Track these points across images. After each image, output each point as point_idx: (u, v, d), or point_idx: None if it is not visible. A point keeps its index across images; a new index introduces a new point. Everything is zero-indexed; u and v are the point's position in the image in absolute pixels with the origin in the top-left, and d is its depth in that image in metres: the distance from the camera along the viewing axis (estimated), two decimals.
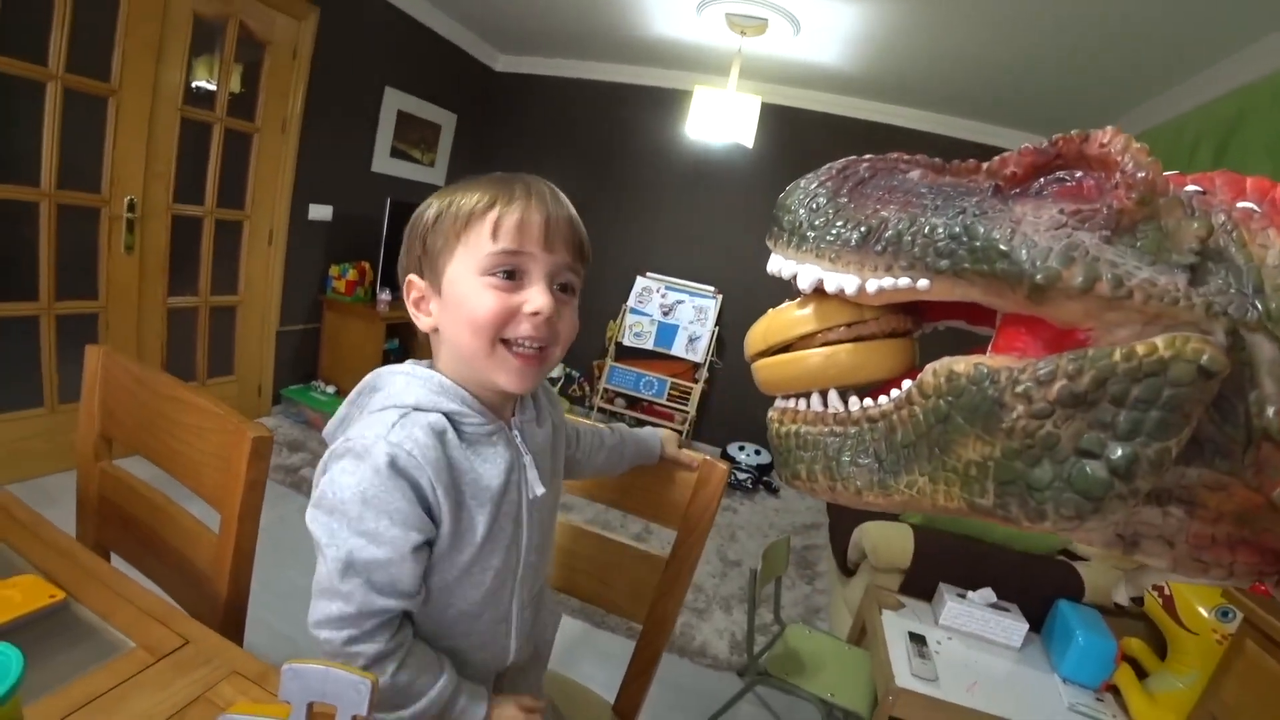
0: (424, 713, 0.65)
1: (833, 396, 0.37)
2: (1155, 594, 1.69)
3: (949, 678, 1.56)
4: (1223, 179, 0.30)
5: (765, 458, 3.89)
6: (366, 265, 3.50)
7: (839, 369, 0.37)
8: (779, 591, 1.93)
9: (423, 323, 0.72)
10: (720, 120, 2.86)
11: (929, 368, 0.33)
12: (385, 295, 3.37)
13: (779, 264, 0.39)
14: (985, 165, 0.35)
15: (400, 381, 0.69)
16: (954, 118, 3.72)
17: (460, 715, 0.68)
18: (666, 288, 4.11)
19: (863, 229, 0.34)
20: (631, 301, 4.12)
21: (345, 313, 3.42)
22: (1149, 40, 2.36)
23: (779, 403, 0.41)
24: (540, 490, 0.73)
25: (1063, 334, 0.29)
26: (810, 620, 2.40)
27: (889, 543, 1.99)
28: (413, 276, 0.72)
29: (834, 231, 0.35)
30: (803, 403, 0.39)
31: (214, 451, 0.94)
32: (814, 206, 0.37)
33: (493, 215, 0.66)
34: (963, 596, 1.82)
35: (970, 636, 1.77)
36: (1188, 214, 0.29)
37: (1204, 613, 1.58)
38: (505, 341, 0.67)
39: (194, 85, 2.59)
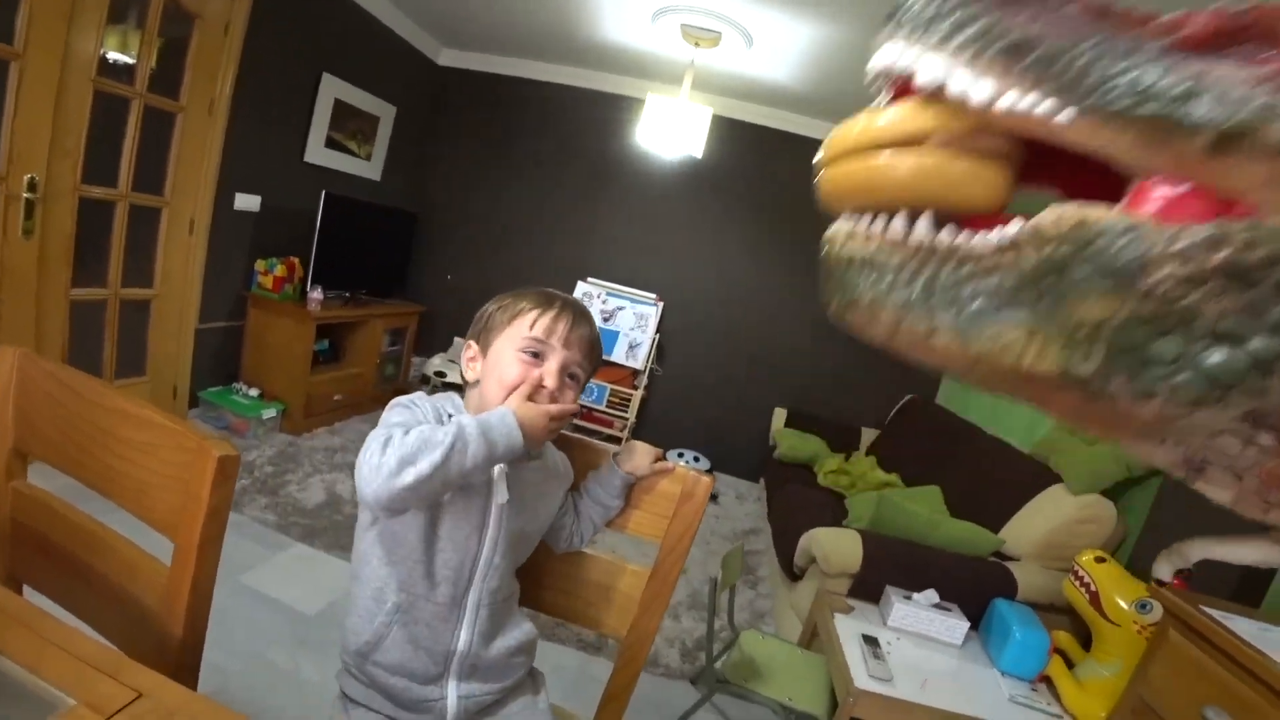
0: (457, 438, 0.77)
1: (922, 222, 0.32)
2: (1080, 588, 1.80)
3: (902, 677, 1.61)
4: None
5: (704, 464, 3.93)
6: (296, 261, 3.31)
7: (936, 184, 0.32)
8: (733, 599, 1.94)
9: (470, 375, 0.96)
10: (671, 129, 2.88)
11: (1049, 210, 0.29)
12: (317, 294, 3.20)
13: (893, 55, 0.33)
14: (1154, 20, 0.30)
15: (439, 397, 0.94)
16: None
17: (491, 424, 0.80)
18: (607, 294, 4.09)
19: (1014, 36, 0.29)
20: None
21: (272, 311, 3.22)
22: None
23: (844, 222, 0.35)
24: (504, 498, 0.88)
25: (1214, 208, 0.26)
26: (756, 624, 2.43)
27: (838, 548, 2.04)
28: (471, 341, 0.97)
29: (977, 28, 0.30)
30: (878, 224, 0.33)
31: (167, 471, 0.83)
32: (951, 3, 0.32)
33: (535, 313, 0.92)
34: (909, 598, 1.89)
35: (917, 636, 1.84)
36: None
37: (1125, 606, 1.70)
38: None
39: (110, 57, 2.38)
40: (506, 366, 0.89)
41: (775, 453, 3.53)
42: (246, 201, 3.11)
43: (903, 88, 0.34)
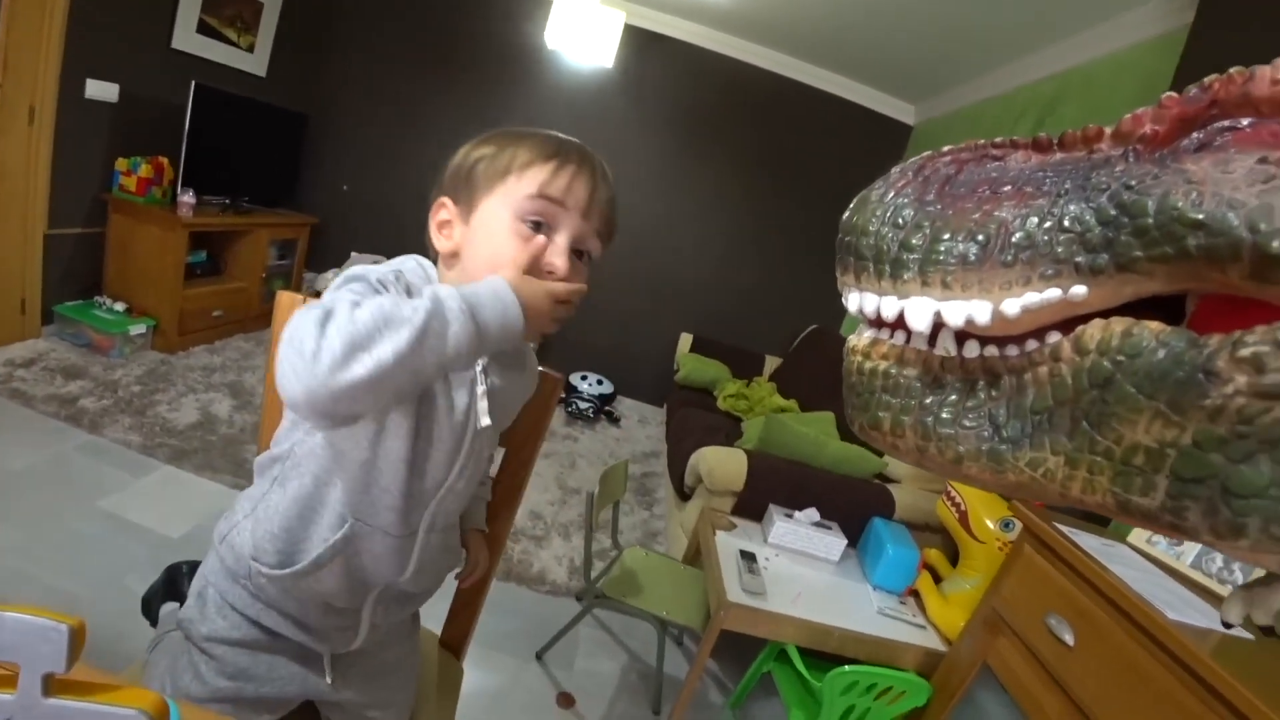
0: (432, 314, 0.56)
1: (945, 335, 0.29)
2: (951, 508, 1.89)
3: (775, 591, 1.65)
4: None
5: (607, 388, 3.91)
6: (165, 161, 2.99)
7: None
8: (616, 516, 1.94)
9: (441, 245, 0.72)
10: (581, 32, 2.70)
11: (1096, 320, 0.25)
12: (188, 198, 2.91)
13: (871, 302, 0.31)
14: (1109, 129, 0.27)
15: (409, 263, 0.72)
16: (818, 68, 3.80)
17: (480, 298, 0.59)
18: None
19: (979, 238, 0.27)
20: None
21: (137, 216, 2.91)
22: (991, 18, 2.53)
23: (866, 332, 0.33)
24: (486, 422, 0.70)
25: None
26: (649, 544, 2.47)
27: (724, 466, 2.06)
28: (446, 199, 0.73)
29: (941, 248, 0.28)
30: (900, 335, 0.31)
31: None
32: (899, 222, 0.29)
33: (548, 166, 0.68)
34: (790, 516, 1.94)
35: (796, 553, 1.89)
36: None
37: (990, 525, 1.79)
38: None
39: None
40: (499, 238, 0.67)
41: (676, 376, 3.55)
42: (101, 89, 2.75)
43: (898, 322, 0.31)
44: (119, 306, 2.91)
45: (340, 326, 0.53)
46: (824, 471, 2.15)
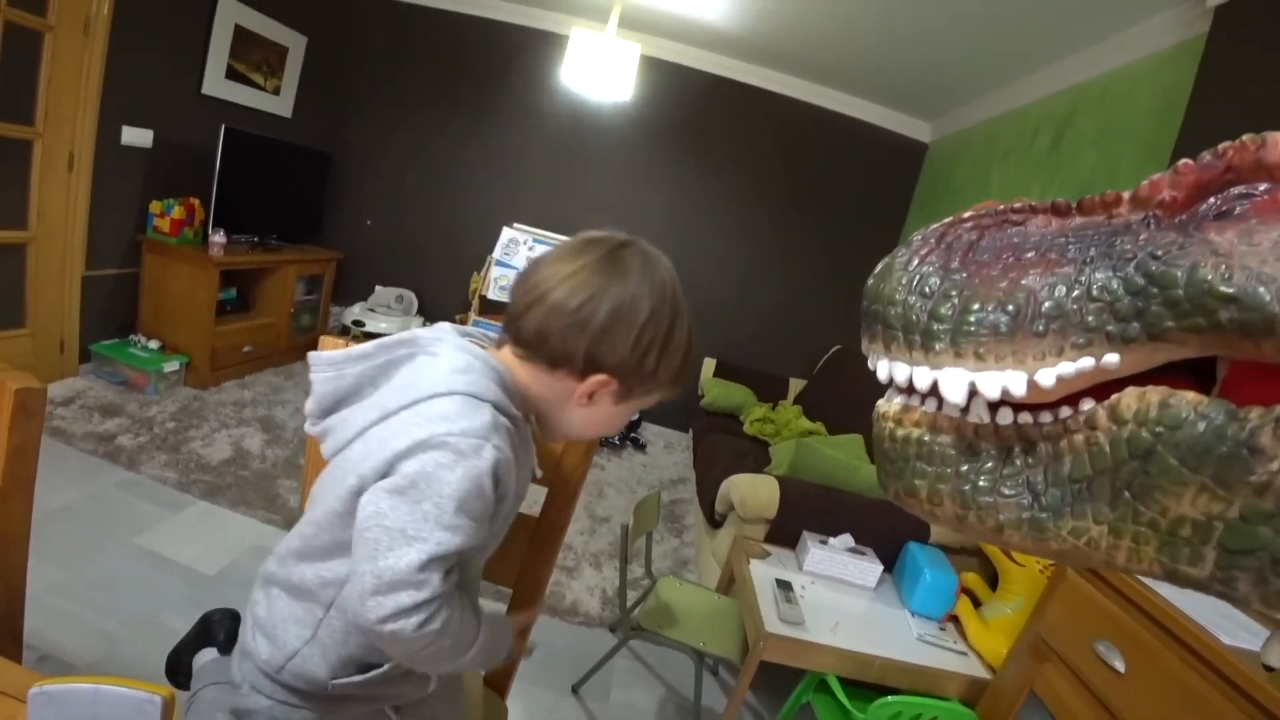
0: (483, 644, 0.68)
1: (978, 402, 0.29)
2: None
3: (814, 620, 1.63)
4: None
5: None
6: (196, 202, 3.07)
7: None
8: (650, 546, 1.93)
9: (581, 404, 0.72)
10: (598, 67, 2.74)
11: (1128, 390, 0.26)
12: (219, 237, 2.98)
13: (902, 371, 0.31)
14: (1128, 195, 0.28)
15: (476, 366, 0.67)
16: (832, 90, 3.83)
17: (497, 650, 0.72)
18: (534, 240, 3.95)
19: (1009, 308, 0.27)
20: (497, 253, 3.93)
21: (170, 256, 2.99)
22: (1003, 34, 2.52)
23: (896, 399, 0.33)
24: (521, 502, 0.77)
25: None
26: (679, 572, 2.45)
27: (756, 493, 2.05)
28: (615, 381, 0.69)
29: (972, 318, 0.28)
30: (931, 403, 0.31)
31: None
32: (926, 291, 0.29)
33: (676, 384, 0.74)
34: (824, 543, 1.91)
35: (831, 580, 1.87)
36: None
37: None
38: None
39: None
40: (618, 421, 0.75)
41: (702, 402, 3.54)
42: (136, 136, 2.84)
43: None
44: (153, 344, 2.98)
45: (440, 626, 0.60)
46: (856, 496, 2.12)
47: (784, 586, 1.73)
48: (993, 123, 3.18)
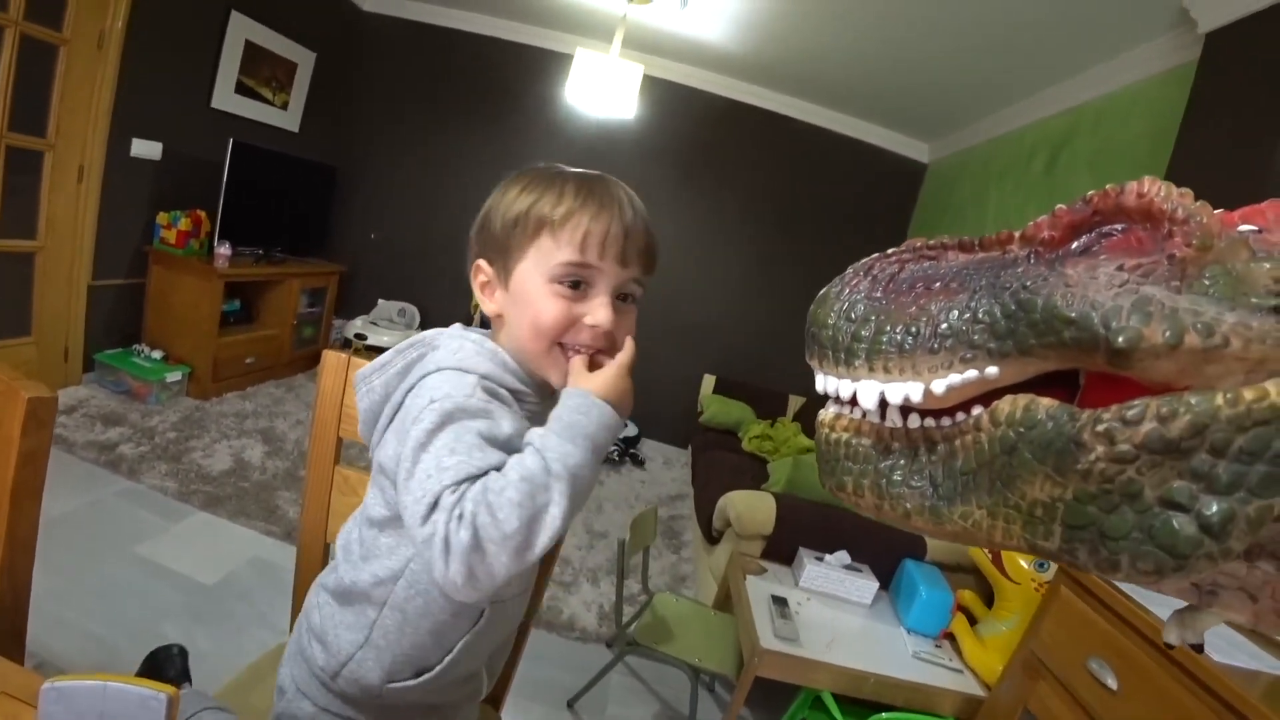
0: (569, 475, 0.58)
1: (892, 410, 0.34)
2: (985, 550, 1.86)
3: (809, 636, 1.63)
4: (1274, 211, 0.28)
5: (631, 430, 3.92)
6: (203, 214, 3.11)
7: None
8: (646, 561, 1.94)
9: (488, 307, 0.72)
10: (601, 86, 2.78)
11: (1006, 397, 0.30)
12: (225, 249, 3.01)
13: (831, 384, 0.36)
14: (1018, 234, 0.33)
15: (469, 348, 0.67)
16: (833, 111, 3.88)
17: (579, 427, 0.62)
18: None
19: (912, 330, 0.32)
20: None
21: (176, 268, 3.02)
22: (1001, 59, 2.57)
23: (832, 407, 0.38)
24: None
25: (1160, 391, 0.27)
26: (677, 588, 2.45)
27: (753, 510, 2.06)
28: (482, 261, 0.72)
29: (884, 338, 0.33)
30: (858, 410, 0.36)
31: None
32: (852, 316, 0.35)
33: (572, 225, 0.65)
34: (820, 559, 1.92)
35: (827, 596, 1.87)
36: (1253, 255, 0.26)
37: (1024, 564, 1.76)
38: (561, 344, 0.68)
39: None
40: (539, 305, 0.65)
41: (700, 418, 3.55)
42: (145, 148, 2.89)
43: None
44: (156, 354, 3.00)
45: (509, 500, 0.53)
46: (853, 513, 2.13)
47: (780, 603, 1.74)
48: (990, 144, 3.22)
